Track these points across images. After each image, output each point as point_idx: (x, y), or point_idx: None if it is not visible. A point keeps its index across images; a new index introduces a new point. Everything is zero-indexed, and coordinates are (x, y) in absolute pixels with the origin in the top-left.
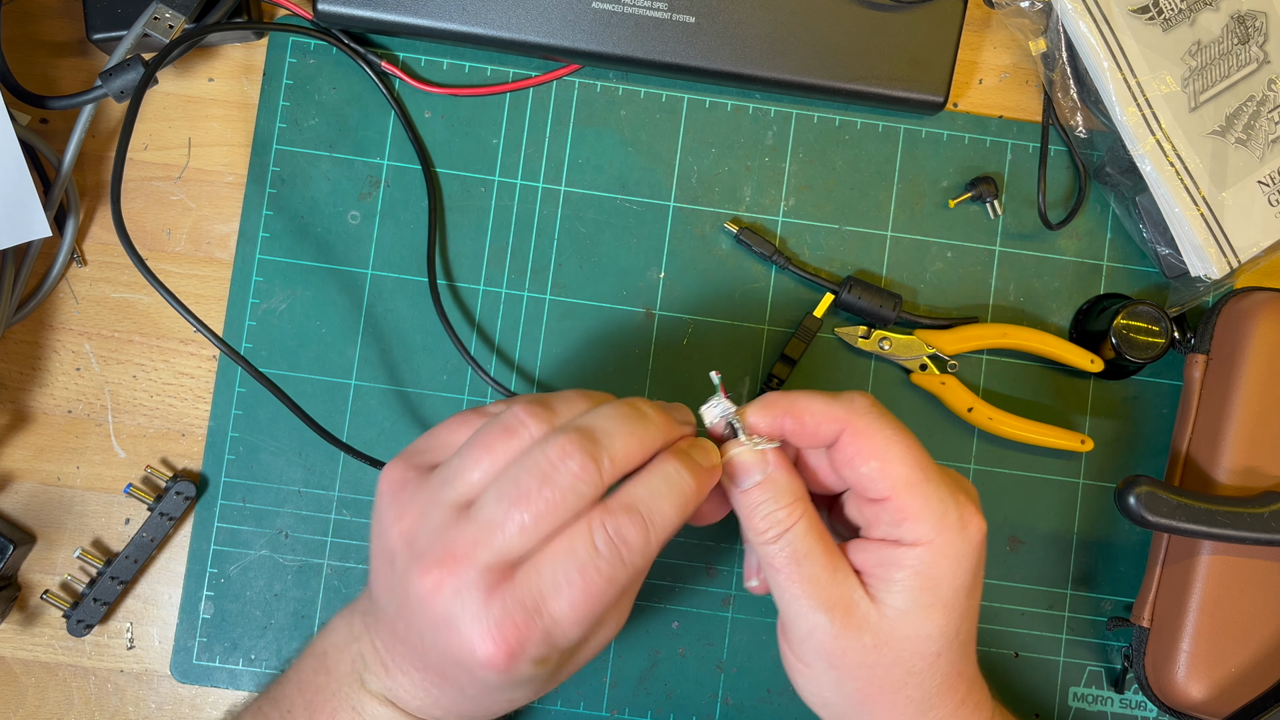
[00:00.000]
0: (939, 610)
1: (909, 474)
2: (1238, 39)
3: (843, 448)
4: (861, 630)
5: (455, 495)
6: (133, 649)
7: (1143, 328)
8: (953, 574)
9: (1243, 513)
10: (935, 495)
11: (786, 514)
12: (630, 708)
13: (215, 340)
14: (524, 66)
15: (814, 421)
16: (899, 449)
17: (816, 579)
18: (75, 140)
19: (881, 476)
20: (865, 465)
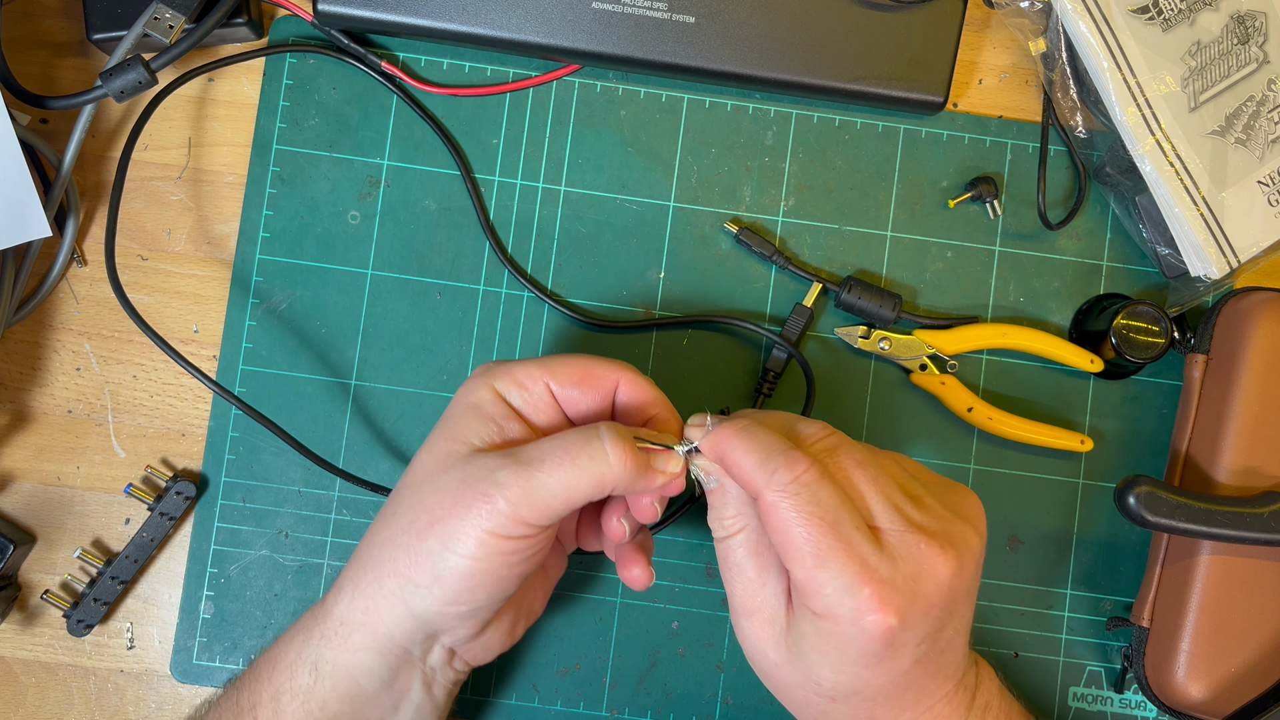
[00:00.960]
0: (828, 669)
1: (806, 557)
2: (1237, 39)
3: (759, 509)
4: (768, 645)
5: None
6: (133, 649)
7: (1142, 328)
8: (842, 651)
9: (1243, 513)
10: (832, 583)
11: (731, 522)
12: (630, 708)
13: (206, 381)
14: (524, 66)
15: (739, 477)
16: (801, 533)
17: (746, 586)
18: (75, 140)
19: (782, 551)
20: (771, 535)
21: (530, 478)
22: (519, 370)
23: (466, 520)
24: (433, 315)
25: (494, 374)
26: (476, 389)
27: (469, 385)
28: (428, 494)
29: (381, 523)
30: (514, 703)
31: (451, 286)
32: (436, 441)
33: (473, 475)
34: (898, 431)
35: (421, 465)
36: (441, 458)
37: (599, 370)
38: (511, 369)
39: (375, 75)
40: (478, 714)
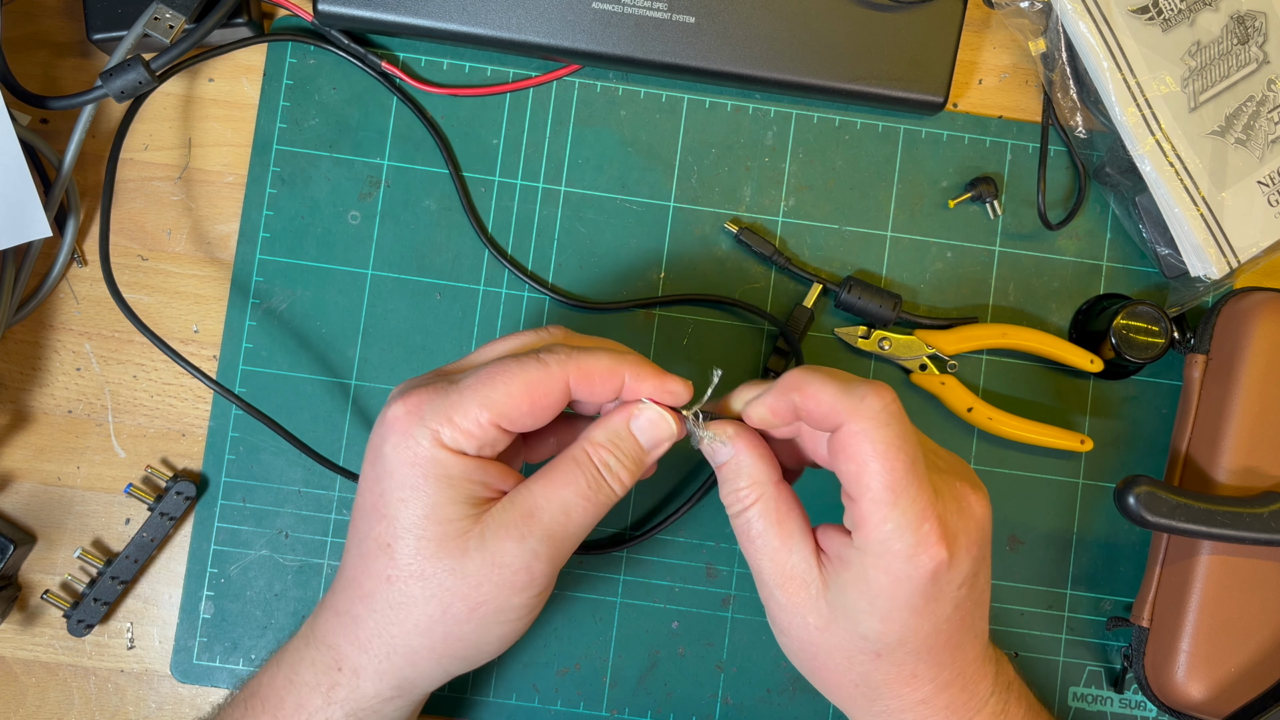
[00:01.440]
0: (874, 618)
1: (879, 489)
2: (1237, 39)
3: (836, 439)
4: (807, 611)
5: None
6: (133, 649)
7: (1142, 328)
8: (891, 593)
9: (1242, 513)
10: (895, 516)
11: (746, 493)
12: (630, 708)
13: (206, 380)
14: (524, 66)
15: (818, 409)
16: (880, 463)
17: (772, 555)
18: (75, 140)
19: (854, 482)
20: (845, 465)
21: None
22: (454, 411)
23: (515, 596)
24: (433, 315)
25: (428, 418)
26: (416, 446)
27: (402, 439)
28: (455, 583)
29: (393, 611)
30: (514, 703)
31: (451, 286)
32: (421, 525)
33: (500, 558)
34: None
35: (419, 552)
36: (445, 544)
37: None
38: (448, 409)
39: (373, 74)
40: (478, 714)
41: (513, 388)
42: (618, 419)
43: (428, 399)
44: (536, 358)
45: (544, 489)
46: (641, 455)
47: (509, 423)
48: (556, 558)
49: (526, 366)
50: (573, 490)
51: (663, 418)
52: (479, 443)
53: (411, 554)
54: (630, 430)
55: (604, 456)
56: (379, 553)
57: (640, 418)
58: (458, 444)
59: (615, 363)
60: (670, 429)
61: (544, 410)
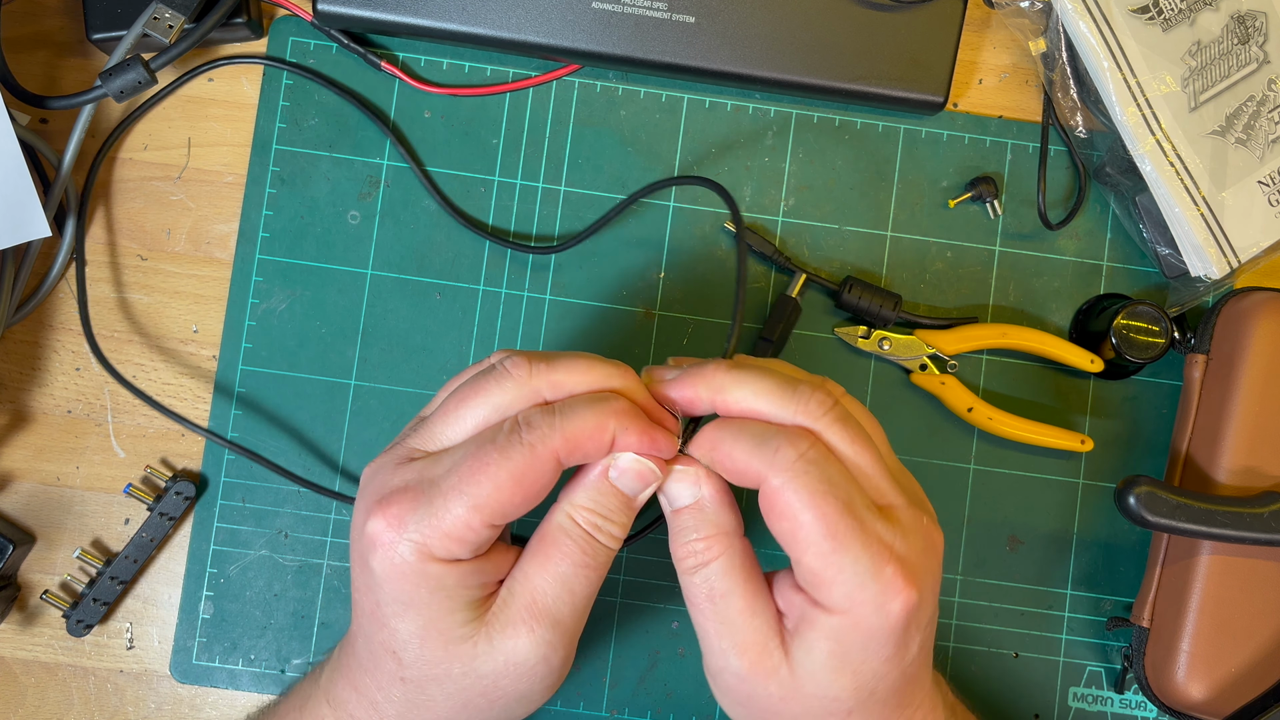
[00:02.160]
0: (848, 676)
1: (820, 542)
2: (1237, 39)
3: (762, 499)
4: (769, 679)
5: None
6: (132, 649)
7: (1143, 328)
8: (864, 648)
9: (1242, 513)
10: (851, 567)
11: (705, 547)
12: (630, 708)
13: (197, 429)
14: (524, 66)
15: (735, 468)
16: (813, 514)
17: (730, 621)
18: (75, 140)
19: (792, 540)
20: (777, 524)
21: (570, 614)
22: (440, 520)
23: (536, 684)
24: (433, 315)
25: (412, 530)
26: (404, 563)
27: (388, 555)
28: (471, 683)
29: (412, 708)
30: None
31: (451, 286)
32: (422, 638)
33: (513, 657)
34: (898, 432)
35: (426, 662)
36: (451, 650)
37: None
38: (433, 518)
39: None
40: None
41: (499, 480)
42: (595, 474)
43: (409, 509)
44: (518, 440)
45: (539, 570)
46: (629, 505)
47: (500, 518)
48: (571, 637)
49: (510, 454)
50: (569, 563)
51: (644, 465)
52: (472, 546)
53: (419, 663)
54: (611, 484)
55: (589, 519)
56: (387, 657)
57: (619, 468)
58: (450, 553)
59: (600, 420)
60: (654, 474)
61: (536, 495)
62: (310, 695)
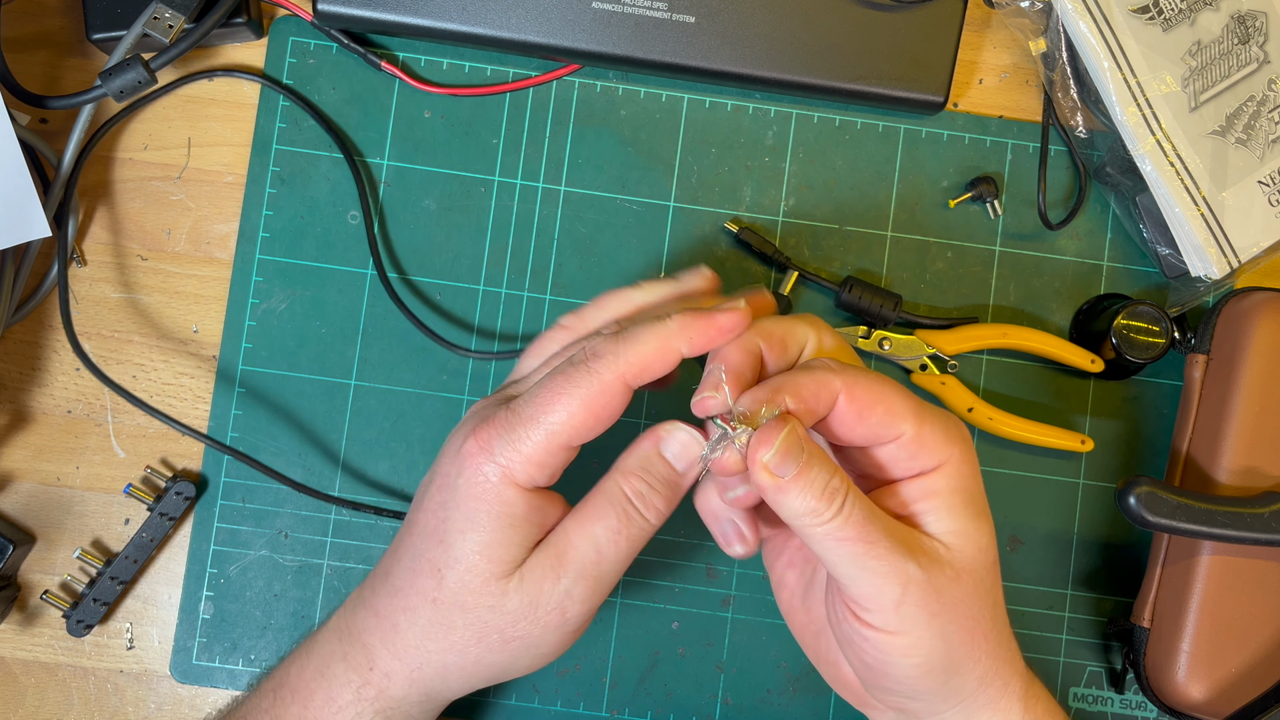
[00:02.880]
0: (983, 518)
1: (910, 407)
2: (1238, 39)
3: (844, 409)
4: (942, 564)
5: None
6: (132, 649)
7: (1143, 328)
8: (975, 478)
9: (1243, 513)
10: (934, 416)
11: (840, 481)
12: (630, 708)
13: (197, 435)
14: (524, 66)
15: (813, 395)
16: (890, 389)
17: (892, 532)
18: (74, 140)
19: (891, 417)
20: (869, 416)
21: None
22: (523, 443)
23: (549, 633)
24: (433, 315)
25: (499, 454)
26: (487, 483)
27: (475, 474)
28: (493, 618)
29: (432, 629)
30: (514, 703)
31: (451, 286)
32: (473, 559)
33: (536, 599)
34: None
35: (465, 585)
36: (490, 581)
37: (613, 392)
38: (516, 443)
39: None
40: (478, 714)
41: (572, 408)
42: (647, 444)
43: (497, 434)
44: (586, 368)
45: (576, 527)
46: (676, 479)
47: (578, 441)
48: (592, 595)
49: (579, 381)
50: (602, 526)
51: (691, 436)
52: (550, 471)
53: (458, 584)
54: (661, 455)
55: (635, 485)
56: (429, 573)
57: (670, 441)
58: (530, 478)
59: (663, 340)
60: (699, 444)
61: (610, 417)
62: (318, 638)
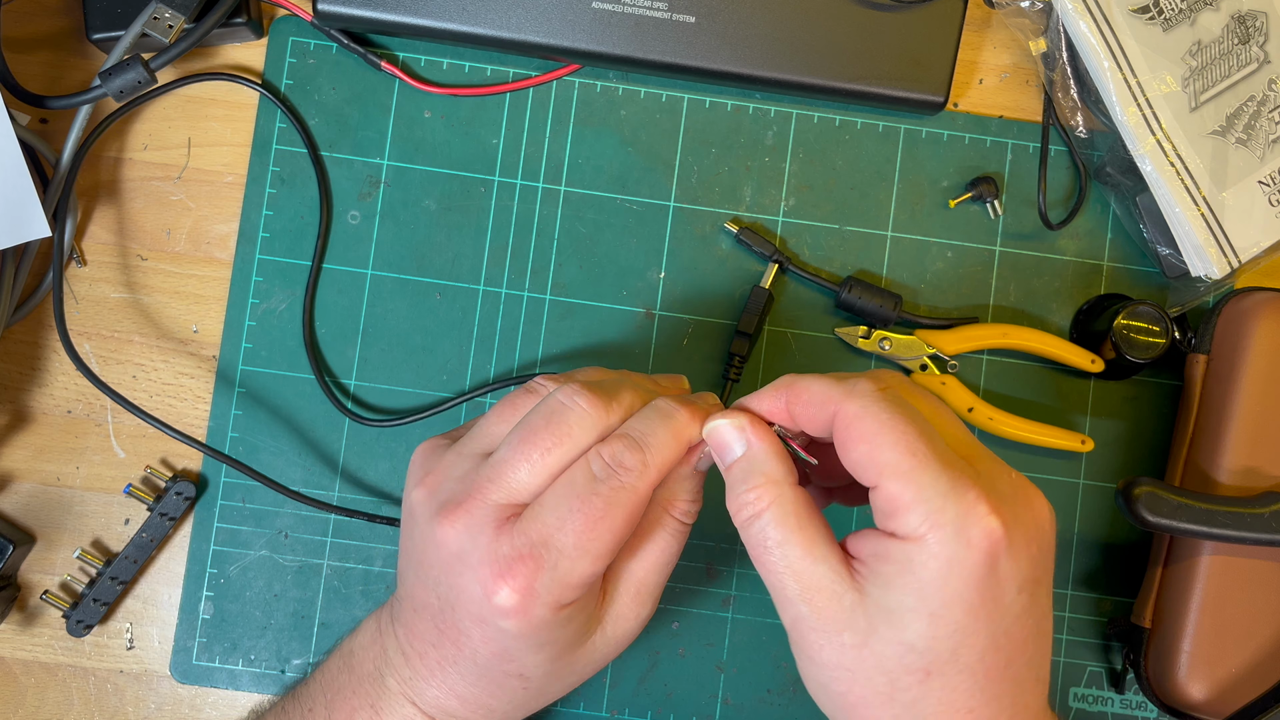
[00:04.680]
0: (924, 618)
1: (899, 460)
2: (1238, 39)
3: (837, 431)
4: (841, 626)
5: (478, 447)
6: (132, 649)
7: (1143, 328)
8: (943, 580)
9: (1243, 513)
10: (931, 486)
11: (755, 497)
12: (630, 708)
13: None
14: (524, 66)
15: (810, 403)
16: (891, 434)
17: (792, 567)
18: (73, 140)
19: (869, 463)
20: (854, 450)
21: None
22: (571, 578)
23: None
24: (433, 315)
25: (548, 594)
26: (539, 622)
27: (524, 619)
28: (589, 667)
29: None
30: None
31: (451, 286)
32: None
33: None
34: None
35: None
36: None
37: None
38: (565, 578)
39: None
40: None
41: (617, 529)
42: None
43: (535, 575)
44: (621, 485)
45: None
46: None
47: (615, 555)
48: (659, 598)
49: (619, 502)
50: (660, 549)
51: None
52: (596, 586)
53: (547, 676)
54: (696, 470)
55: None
56: (513, 680)
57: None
58: (578, 598)
59: (680, 440)
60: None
61: (637, 523)
62: (380, 696)
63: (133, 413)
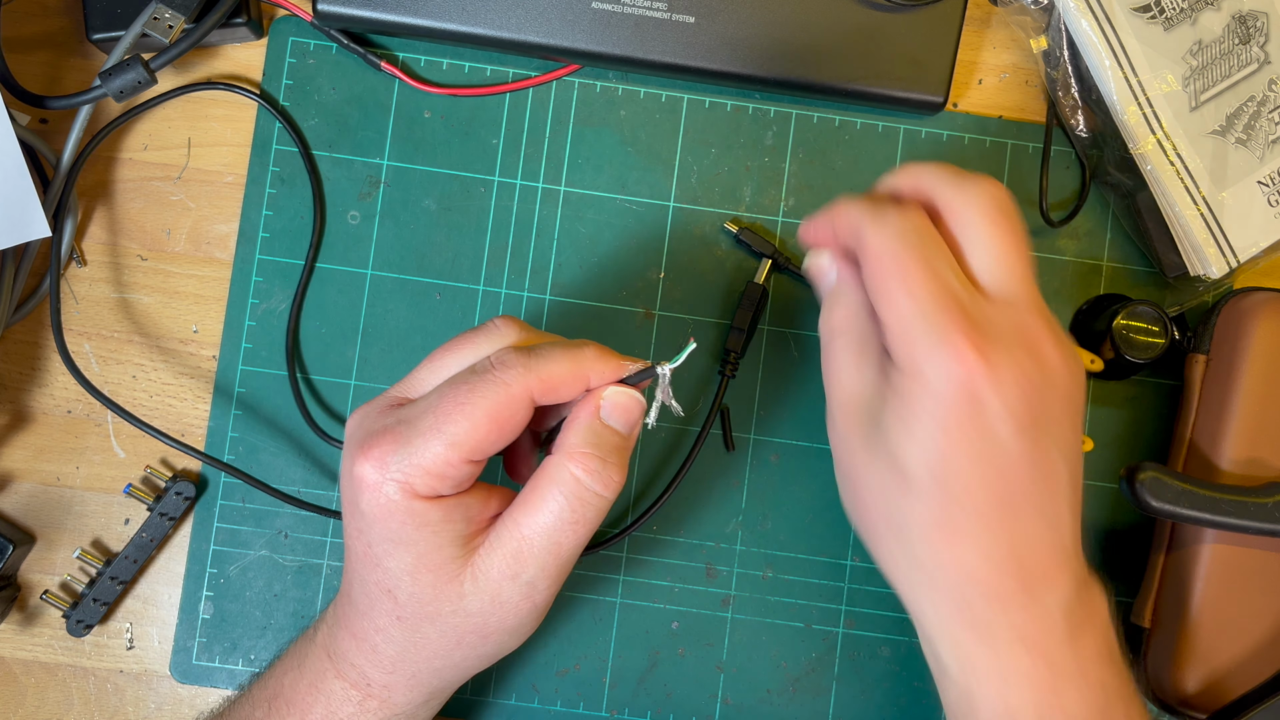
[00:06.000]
0: (904, 434)
1: (902, 301)
2: (1239, 39)
3: (862, 259)
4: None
5: (401, 390)
6: (132, 649)
7: (1143, 328)
8: (920, 404)
9: (1247, 501)
10: (922, 324)
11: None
12: (630, 708)
13: (194, 452)
14: (524, 66)
15: (844, 226)
16: (899, 275)
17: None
18: (73, 140)
19: (877, 297)
20: (869, 282)
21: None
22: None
23: (524, 618)
24: (433, 315)
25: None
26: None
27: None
28: (462, 620)
29: (410, 644)
30: (513, 703)
31: (451, 286)
32: (414, 573)
33: (499, 595)
34: None
35: (418, 598)
36: (441, 588)
37: (519, 405)
38: (413, 456)
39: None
40: (477, 714)
41: (475, 418)
42: (586, 416)
43: (391, 450)
44: (494, 378)
45: (529, 519)
46: (625, 444)
47: (479, 454)
48: (557, 579)
49: (484, 392)
50: (556, 516)
51: (631, 397)
52: (453, 482)
53: (412, 599)
54: (605, 424)
55: (590, 465)
56: (382, 596)
57: (610, 405)
58: (432, 489)
59: (576, 364)
60: (642, 405)
61: (511, 431)
62: (307, 652)
63: (128, 420)
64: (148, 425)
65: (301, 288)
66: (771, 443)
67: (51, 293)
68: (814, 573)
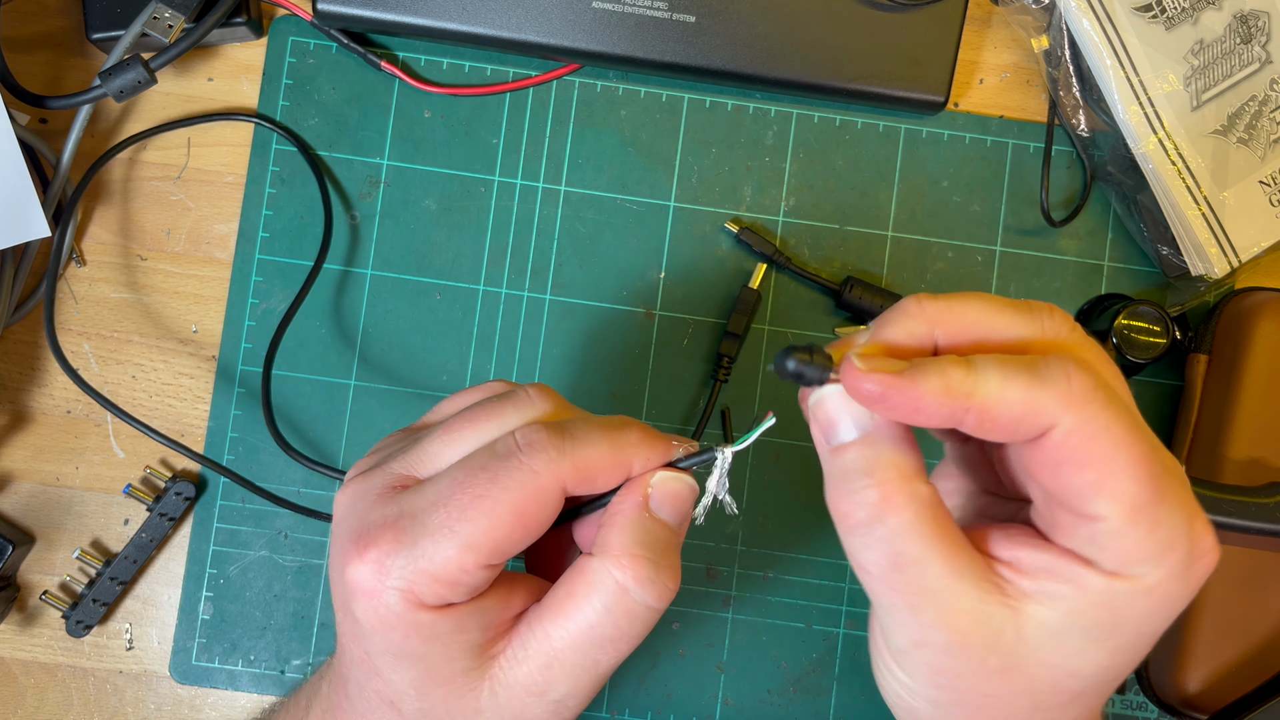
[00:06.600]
0: (1105, 653)
1: (1138, 493)
2: (1240, 38)
3: (1048, 448)
4: (988, 652)
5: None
6: (132, 650)
7: (1143, 328)
8: (1147, 619)
9: (1248, 501)
10: (1166, 524)
11: (880, 497)
12: (630, 708)
13: (192, 455)
14: (524, 66)
15: (1009, 416)
16: (1129, 457)
17: (928, 589)
18: (73, 140)
19: (1098, 494)
20: (1078, 476)
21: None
22: (429, 563)
23: None
24: (432, 315)
25: (396, 577)
26: (390, 612)
27: (372, 603)
28: None
29: None
30: None
31: (451, 286)
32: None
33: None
34: None
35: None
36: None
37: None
38: (419, 561)
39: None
40: None
41: (497, 514)
42: (633, 508)
43: (391, 550)
44: (520, 465)
45: (561, 629)
46: (677, 540)
47: (498, 557)
48: (589, 695)
49: (508, 483)
50: (594, 630)
51: (685, 484)
52: (467, 589)
53: (420, 714)
54: (654, 517)
55: (640, 571)
56: (384, 706)
57: (660, 494)
58: (442, 599)
59: (617, 449)
60: (694, 489)
61: (538, 529)
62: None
63: (127, 421)
64: (147, 427)
65: (305, 287)
66: (772, 443)
67: (47, 293)
68: (814, 573)
